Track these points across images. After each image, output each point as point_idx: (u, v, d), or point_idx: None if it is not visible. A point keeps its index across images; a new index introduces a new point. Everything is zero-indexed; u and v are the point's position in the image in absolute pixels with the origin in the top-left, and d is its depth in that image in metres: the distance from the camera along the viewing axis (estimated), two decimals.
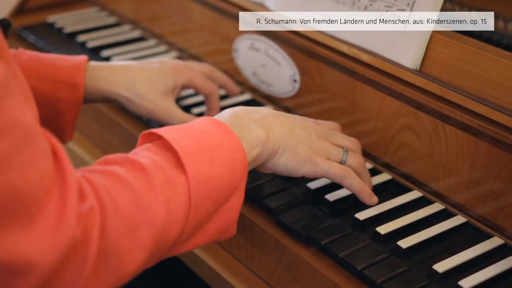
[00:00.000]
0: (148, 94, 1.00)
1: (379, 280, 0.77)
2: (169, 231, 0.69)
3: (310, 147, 0.83)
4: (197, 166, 0.72)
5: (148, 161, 0.70)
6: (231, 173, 0.74)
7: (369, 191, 0.85)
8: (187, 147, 0.72)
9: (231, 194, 0.75)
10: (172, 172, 0.71)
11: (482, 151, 0.83)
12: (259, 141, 0.79)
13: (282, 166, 0.82)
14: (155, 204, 0.67)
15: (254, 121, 0.80)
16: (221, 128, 0.77)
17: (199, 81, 1.04)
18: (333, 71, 0.99)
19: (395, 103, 0.92)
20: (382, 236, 0.83)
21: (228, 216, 0.76)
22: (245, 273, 0.93)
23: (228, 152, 0.75)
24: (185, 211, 0.70)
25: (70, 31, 1.34)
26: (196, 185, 0.71)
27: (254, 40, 1.10)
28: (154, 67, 1.03)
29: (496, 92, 0.82)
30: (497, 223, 0.84)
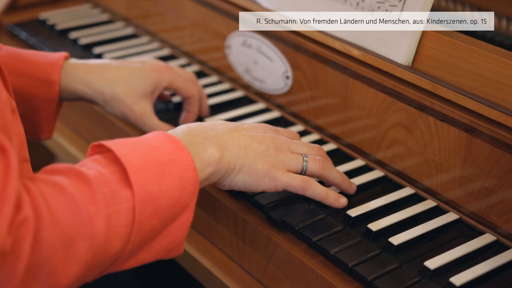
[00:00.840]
0: (125, 97, 0.98)
1: (370, 277, 0.76)
2: (109, 247, 0.66)
3: (269, 161, 0.82)
4: (144, 182, 0.69)
5: (94, 174, 0.68)
6: (180, 191, 0.72)
7: (334, 196, 0.84)
8: (136, 162, 0.70)
9: (179, 213, 0.73)
10: (118, 187, 0.68)
11: (474, 148, 0.83)
12: (213, 160, 0.77)
13: (240, 183, 0.81)
14: (96, 218, 0.65)
15: (209, 139, 0.78)
16: (174, 144, 0.74)
17: (180, 82, 1.02)
18: (325, 67, 0.98)
19: (387, 100, 0.91)
20: (373, 232, 0.82)
21: (176, 235, 0.73)
22: (237, 270, 0.92)
23: (179, 169, 0.72)
24: (128, 228, 0.68)
25: (62, 28, 1.34)
26: (142, 202, 0.69)
27: (247, 37, 1.09)
28: (134, 67, 1.00)
29: (487, 88, 0.82)
30: (489, 219, 0.83)
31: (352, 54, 0.94)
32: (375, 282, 0.76)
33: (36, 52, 0.99)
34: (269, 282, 0.88)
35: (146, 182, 0.69)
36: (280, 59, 1.05)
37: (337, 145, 1.00)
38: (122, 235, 0.67)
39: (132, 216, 0.68)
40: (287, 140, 0.85)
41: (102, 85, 0.98)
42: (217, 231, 0.94)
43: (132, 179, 0.69)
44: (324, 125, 1.02)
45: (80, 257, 0.64)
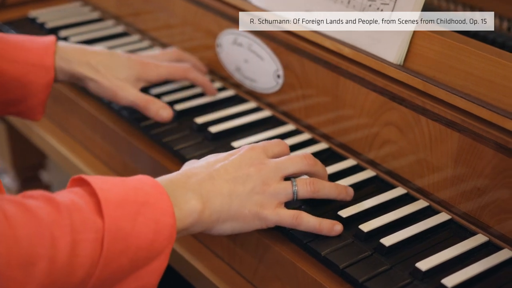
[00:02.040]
0: (108, 76, 1.02)
1: (362, 279, 0.76)
2: (71, 276, 0.65)
3: (256, 202, 0.79)
4: (117, 217, 0.68)
5: (66, 201, 0.67)
6: (155, 235, 0.70)
7: (328, 226, 0.81)
8: (112, 197, 0.69)
9: (153, 258, 0.71)
10: (89, 217, 0.67)
11: (466, 147, 0.82)
12: (194, 211, 0.75)
13: (229, 230, 0.80)
14: (60, 242, 0.63)
15: (192, 190, 0.77)
16: (155, 189, 0.73)
17: (166, 74, 1.07)
18: (317, 66, 0.98)
19: (379, 99, 0.90)
20: (365, 234, 0.81)
21: (147, 280, 0.71)
22: (228, 271, 0.91)
23: (156, 212, 0.71)
24: (94, 260, 0.66)
25: (52, 26, 1.32)
26: (112, 237, 0.67)
27: (238, 35, 1.09)
28: (120, 57, 1.06)
29: (479, 87, 0.81)
30: (481, 220, 0.83)
31: (343, 52, 0.93)
32: (366, 284, 0.75)
33: (26, 37, 1.04)
34: (260, 283, 0.88)
35: (119, 218, 0.68)
36: (271, 57, 1.04)
37: (329, 145, 1.00)
38: (86, 266, 0.65)
39: (99, 248, 0.66)
40: (275, 166, 0.82)
41: (88, 64, 1.03)
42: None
43: (104, 212, 0.67)
44: (316, 124, 1.01)
45: (38, 278, 0.62)
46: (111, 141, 1.12)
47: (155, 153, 1.02)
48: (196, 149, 0.99)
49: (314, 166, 0.85)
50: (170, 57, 1.12)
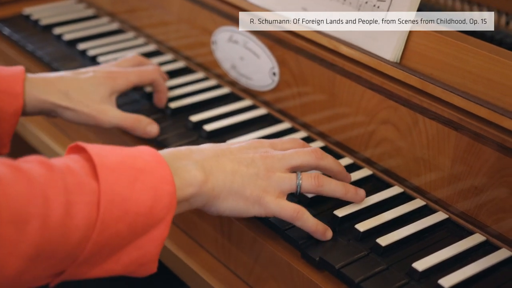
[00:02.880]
0: (83, 101, 0.98)
1: (358, 279, 0.75)
2: (66, 237, 0.63)
3: (259, 186, 0.78)
4: (114, 183, 0.67)
5: (61, 164, 0.66)
6: (154, 201, 0.69)
7: (322, 229, 0.80)
8: (108, 163, 0.68)
9: (153, 225, 0.70)
10: (84, 179, 0.66)
11: (463, 146, 0.81)
12: (195, 181, 0.74)
13: (228, 210, 0.78)
14: (53, 201, 0.63)
15: (194, 162, 0.76)
16: (154, 157, 0.72)
17: (135, 79, 1.04)
18: (313, 64, 0.97)
19: (375, 97, 0.89)
20: (361, 233, 0.81)
21: (147, 249, 0.70)
22: (223, 271, 0.91)
23: (154, 179, 0.70)
24: (90, 223, 0.65)
25: (46, 23, 1.31)
26: (108, 201, 0.66)
27: (233, 32, 1.08)
28: (87, 76, 1.01)
29: (477, 85, 0.80)
30: (478, 219, 0.82)
31: (339, 50, 0.92)
32: (362, 284, 0.74)
33: None
34: (255, 283, 0.87)
35: (116, 182, 0.67)
36: (267, 55, 1.03)
37: (325, 143, 0.99)
38: (81, 229, 0.64)
39: (95, 211, 0.65)
40: (281, 156, 0.81)
41: (60, 94, 0.98)
42: (202, 231, 0.93)
43: (100, 176, 0.66)
44: (312, 122, 1.00)
45: (31, 236, 0.61)
46: (105, 139, 1.11)
47: None
48: None
49: (322, 159, 0.83)
50: (133, 63, 1.08)
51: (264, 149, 0.82)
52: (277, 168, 0.80)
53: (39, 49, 1.23)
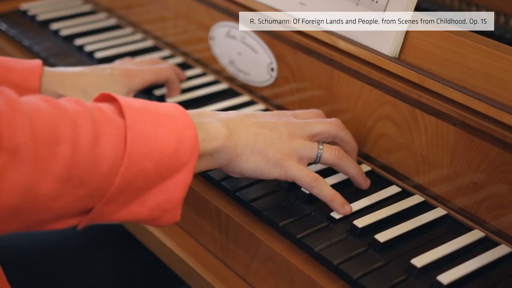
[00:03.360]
0: None
1: (356, 275, 0.74)
2: (95, 164, 0.64)
3: (281, 149, 0.80)
4: (139, 122, 0.69)
5: (90, 103, 0.68)
6: (177, 144, 0.70)
7: (340, 200, 0.81)
8: (133, 105, 0.70)
9: (177, 169, 0.71)
10: (111, 116, 0.68)
11: (462, 141, 0.81)
12: (219, 135, 0.76)
13: (251, 171, 0.79)
14: (82, 128, 0.64)
15: (218, 120, 0.78)
16: (178, 109, 0.74)
17: (152, 77, 1.05)
18: (311, 59, 0.96)
19: (374, 92, 0.89)
20: (359, 229, 0.80)
21: (172, 194, 0.71)
22: (220, 268, 0.90)
23: (177, 125, 0.71)
24: (117, 155, 0.66)
25: (43, 19, 1.31)
26: (135, 137, 0.67)
27: (231, 27, 1.07)
28: (105, 73, 1.01)
29: (476, 80, 0.79)
30: (478, 215, 0.81)
31: (337, 45, 0.92)
32: (360, 280, 0.74)
33: (11, 58, 0.98)
34: (253, 280, 0.86)
35: (141, 121, 0.69)
36: (265, 50, 1.02)
37: None
38: (110, 159, 0.66)
39: (122, 145, 0.67)
40: (303, 123, 0.83)
41: (77, 90, 0.98)
42: (200, 227, 0.92)
43: (126, 114, 0.68)
44: None
45: (62, 158, 0.62)
46: None
47: None
48: None
49: (343, 129, 0.86)
50: (149, 63, 1.09)
51: (287, 117, 0.84)
52: (299, 135, 0.82)
53: (36, 45, 1.23)
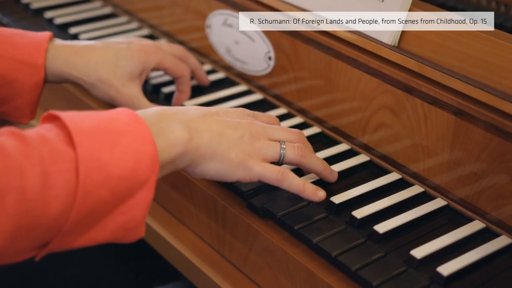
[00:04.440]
0: (111, 79, 0.94)
1: (354, 267, 0.73)
2: (46, 208, 0.61)
3: (243, 150, 0.77)
4: (91, 147, 0.64)
5: (33, 134, 0.63)
6: (136, 163, 0.67)
7: (311, 188, 0.79)
8: (84, 128, 0.65)
9: (137, 189, 0.67)
10: (59, 147, 0.63)
11: (462, 131, 0.79)
12: (180, 141, 0.72)
13: (213, 172, 0.77)
14: (28, 173, 0.60)
15: (178, 122, 0.74)
16: (131, 118, 0.69)
17: (169, 62, 0.99)
18: (309, 47, 0.95)
19: (373, 81, 0.88)
20: (358, 220, 0.79)
21: (134, 213, 0.68)
22: (217, 259, 0.89)
23: (133, 141, 0.67)
24: (70, 191, 0.63)
25: (37, 6, 1.29)
26: (88, 167, 0.63)
27: (228, 16, 1.05)
28: (120, 48, 0.96)
29: (476, 68, 0.78)
30: (478, 206, 0.80)
31: (336, 34, 0.90)
32: (359, 272, 0.73)
33: (19, 31, 0.94)
34: (250, 271, 0.85)
35: (94, 148, 0.64)
36: (262, 39, 1.01)
37: (321, 129, 0.97)
38: (62, 198, 0.62)
39: (74, 179, 0.63)
40: (265, 126, 0.81)
41: (87, 68, 0.94)
42: (196, 218, 0.91)
43: (76, 142, 0.63)
44: (308, 107, 0.98)
45: (9, 209, 0.59)
46: None
47: None
48: None
49: (304, 142, 0.83)
50: (175, 52, 1.03)
51: (248, 117, 0.81)
52: (262, 136, 0.79)
53: None
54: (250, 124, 0.79)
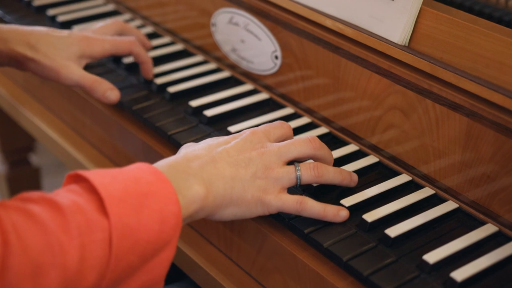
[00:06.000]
0: (50, 54, 0.97)
1: (366, 272, 0.72)
2: (83, 279, 0.62)
3: (259, 187, 0.76)
4: (122, 214, 0.65)
5: (68, 202, 0.64)
6: (161, 225, 0.67)
7: (332, 211, 0.78)
8: (114, 192, 0.66)
9: (160, 249, 0.68)
10: (94, 216, 0.64)
11: (475, 133, 0.78)
12: (198, 198, 0.72)
13: (232, 216, 0.77)
14: (68, 247, 0.61)
15: (193, 175, 0.74)
16: (155, 176, 0.70)
17: (112, 48, 1.02)
18: (317, 47, 0.93)
19: (382, 81, 0.86)
20: (369, 224, 0.78)
21: (156, 272, 0.69)
22: (224, 262, 0.88)
23: (160, 202, 0.68)
24: (104, 260, 0.64)
25: (39, 4, 1.28)
26: (120, 235, 0.64)
27: (233, 14, 1.04)
28: (61, 35, 1.00)
29: (489, 69, 0.77)
30: (490, 208, 0.79)
31: (345, 33, 0.89)
32: (371, 277, 0.72)
33: None
34: (258, 274, 0.84)
35: (125, 214, 0.65)
36: (269, 37, 1.00)
37: (329, 129, 0.95)
38: (96, 267, 0.63)
39: (108, 248, 0.64)
40: (277, 149, 0.79)
41: (28, 44, 0.97)
42: (203, 220, 0.90)
43: (109, 210, 0.64)
44: (315, 107, 0.97)
45: (52, 286, 0.60)
46: (101, 124, 1.07)
47: (148, 138, 0.98)
48: (191, 133, 0.94)
49: (319, 149, 0.81)
50: (113, 30, 1.06)
51: (260, 142, 0.80)
52: (275, 163, 0.78)
53: None
54: (262, 155, 0.78)
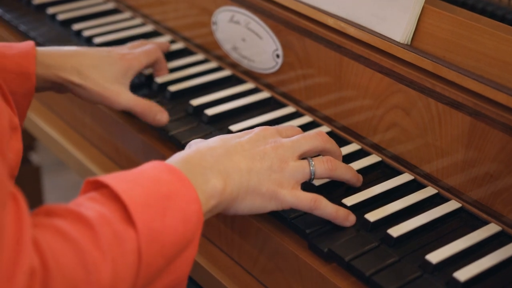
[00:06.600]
0: (96, 79, 0.95)
1: (369, 272, 0.72)
2: None
3: (274, 180, 0.76)
4: (148, 220, 0.65)
5: (94, 215, 0.63)
6: (184, 225, 0.67)
7: (343, 214, 0.78)
8: (137, 198, 0.66)
9: (184, 248, 0.68)
10: (120, 227, 0.64)
11: (478, 132, 0.78)
12: (216, 192, 0.72)
13: (247, 209, 0.76)
14: (102, 264, 0.61)
15: (210, 169, 0.73)
16: (174, 175, 0.70)
17: (146, 60, 1.02)
18: (318, 45, 0.93)
19: (385, 80, 0.86)
20: (371, 223, 0.77)
21: (180, 271, 0.69)
22: (226, 261, 0.88)
23: (181, 202, 0.68)
24: (134, 270, 0.64)
25: (39, 2, 1.27)
26: (147, 242, 0.64)
27: (234, 12, 1.04)
28: (102, 55, 0.98)
29: (492, 68, 0.76)
30: (493, 208, 0.79)
31: (347, 32, 0.88)
32: (374, 277, 0.71)
33: (2, 43, 0.94)
34: (260, 274, 0.84)
35: (149, 219, 0.65)
36: (270, 36, 0.99)
37: (331, 128, 0.95)
38: (128, 279, 0.63)
39: (137, 258, 0.64)
40: (291, 144, 0.79)
41: (74, 69, 0.95)
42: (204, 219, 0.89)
43: (135, 218, 0.64)
44: (317, 106, 0.96)
45: None
46: (101, 123, 1.07)
47: (148, 137, 0.98)
48: (192, 133, 0.94)
49: (328, 142, 0.82)
50: (138, 46, 1.05)
51: (273, 137, 0.80)
52: (289, 157, 0.78)
53: (32, 30, 1.19)
54: (276, 148, 0.78)
